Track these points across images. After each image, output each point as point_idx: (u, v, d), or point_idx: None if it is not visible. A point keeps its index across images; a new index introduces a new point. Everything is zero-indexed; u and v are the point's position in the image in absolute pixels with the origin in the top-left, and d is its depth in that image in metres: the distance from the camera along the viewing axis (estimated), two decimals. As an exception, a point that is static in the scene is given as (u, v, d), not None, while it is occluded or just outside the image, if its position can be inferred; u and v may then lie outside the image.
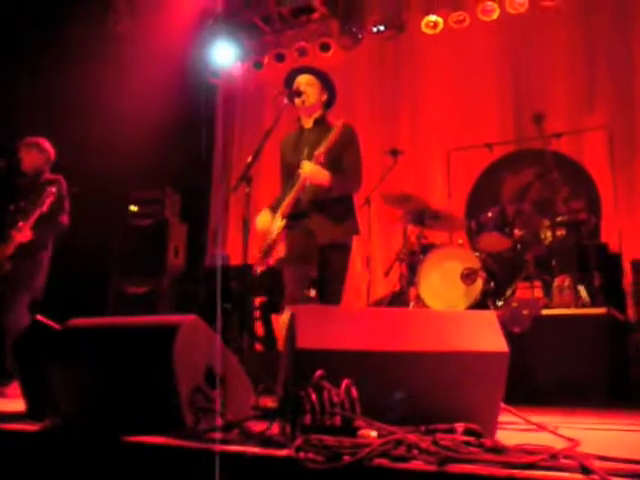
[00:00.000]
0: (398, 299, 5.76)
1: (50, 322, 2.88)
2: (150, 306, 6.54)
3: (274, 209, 3.78)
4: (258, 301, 6.39)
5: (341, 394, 1.88)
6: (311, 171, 3.52)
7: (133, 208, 6.89)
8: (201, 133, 8.30)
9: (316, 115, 3.81)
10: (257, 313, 6.32)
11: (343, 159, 3.63)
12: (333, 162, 3.58)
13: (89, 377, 2.50)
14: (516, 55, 7.32)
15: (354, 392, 1.89)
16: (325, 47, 8.10)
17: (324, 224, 3.62)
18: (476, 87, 7.34)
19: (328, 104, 3.88)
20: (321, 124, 3.79)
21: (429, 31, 7.51)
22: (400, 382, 2.11)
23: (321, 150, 3.50)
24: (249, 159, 3.38)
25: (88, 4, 7.39)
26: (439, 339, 2.17)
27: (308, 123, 3.83)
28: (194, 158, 8.03)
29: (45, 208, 4.84)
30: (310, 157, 3.60)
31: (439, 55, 7.61)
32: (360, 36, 7.86)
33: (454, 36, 7.44)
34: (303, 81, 3.77)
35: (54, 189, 4.90)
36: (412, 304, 5.33)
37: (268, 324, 6.21)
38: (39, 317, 2.89)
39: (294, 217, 3.62)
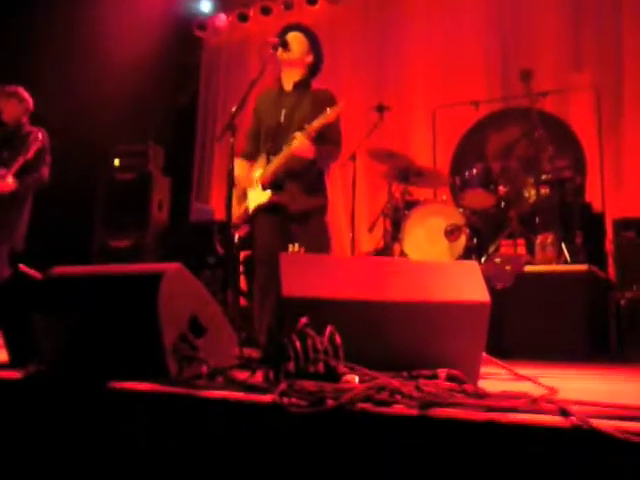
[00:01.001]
0: (382, 255, 5.77)
1: (32, 272, 2.86)
2: (134, 260, 6.51)
3: (248, 158, 3.77)
4: (242, 255, 6.37)
5: (325, 341, 1.89)
6: (302, 145, 3.47)
7: (116, 162, 6.80)
8: (185, 85, 8.20)
9: (297, 77, 3.75)
10: (241, 268, 6.31)
11: (326, 131, 3.56)
12: (317, 133, 3.52)
13: (73, 325, 2.49)
14: (503, 11, 7.23)
15: (338, 339, 1.90)
16: (311, 0, 7.98)
17: (298, 194, 3.62)
18: (463, 43, 7.25)
19: (313, 70, 3.81)
20: (302, 88, 3.74)
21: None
22: (384, 330, 2.13)
23: (315, 125, 3.43)
24: (233, 109, 3.33)
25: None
26: (422, 289, 2.18)
27: (288, 84, 3.77)
28: (178, 111, 7.96)
29: (30, 155, 4.78)
30: (289, 121, 3.59)
31: (426, 10, 7.51)
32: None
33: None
34: (291, 35, 3.73)
35: (40, 135, 4.84)
36: (396, 260, 5.36)
37: (252, 279, 6.21)
38: (21, 267, 2.87)
39: (273, 188, 3.60)
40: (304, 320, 1.90)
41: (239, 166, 3.75)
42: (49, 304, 2.55)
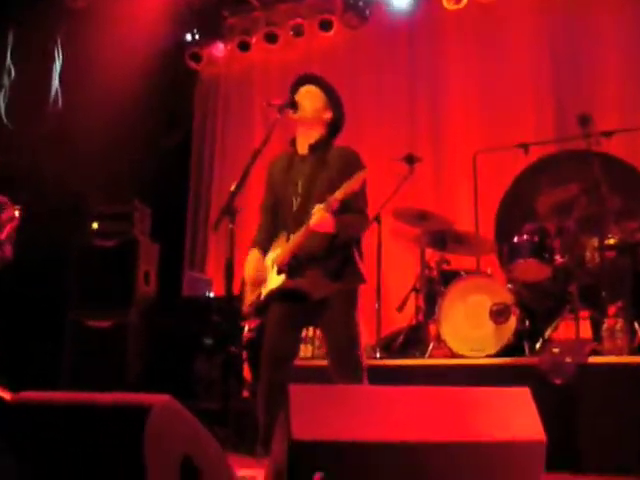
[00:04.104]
0: (415, 336, 5.75)
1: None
2: (117, 343, 6.52)
3: (263, 248, 3.73)
4: (246, 338, 6.37)
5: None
6: (322, 219, 3.40)
7: (95, 225, 6.86)
8: (175, 132, 8.30)
9: (314, 138, 3.69)
10: (245, 353, 6.30)
11: (351, 200, 3.49)
12: (341, 204, 3.45)
13: (41, 461, 2.50)
14: (557, 37, 7.32)
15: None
16: (326, 25, 8.11)
17: (320, 281, 3.55)
18: (507, 76, 7.35)
19: (333, 129, 3.76)
20: (319, 151, 3.68)
21: (451, 6, 7.46)
22: (419, 477, 2.12)
23: (338, 196, 3.36)
24: (232, 187, 3.35)
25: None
26: (464, 425, 2.18)
27: (303, 147, 3.71)
28: (167, 163, 8.01)
29: (3, 237, 4.84)
30: (308, 192, 3.56)
31: (463, 37, 7.63)
32: (368, 12, 7.86)
33: (482, 13, 7.44)
34: (303, 90, 3.71)
35: (16, 213, 4.89)
36: (432, 345, 5.34)
37: (257, 366, 6.20)
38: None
39: (289, 271, 3.55)
40: (318, 478, 1.90)
41: (252, 260, 3.69)
42: (15, 436, 2.57)
